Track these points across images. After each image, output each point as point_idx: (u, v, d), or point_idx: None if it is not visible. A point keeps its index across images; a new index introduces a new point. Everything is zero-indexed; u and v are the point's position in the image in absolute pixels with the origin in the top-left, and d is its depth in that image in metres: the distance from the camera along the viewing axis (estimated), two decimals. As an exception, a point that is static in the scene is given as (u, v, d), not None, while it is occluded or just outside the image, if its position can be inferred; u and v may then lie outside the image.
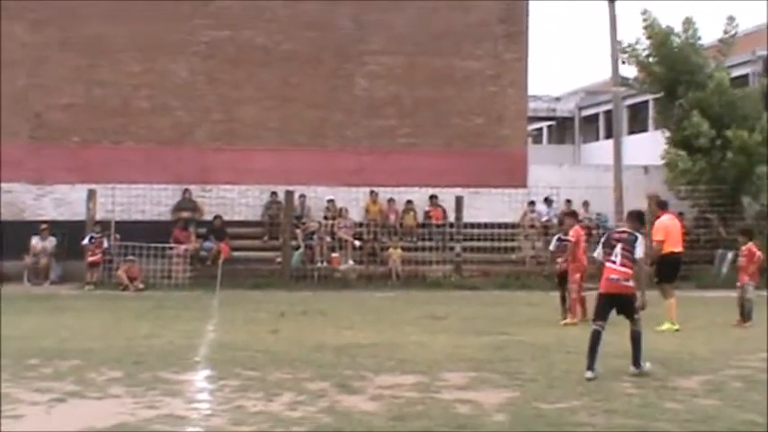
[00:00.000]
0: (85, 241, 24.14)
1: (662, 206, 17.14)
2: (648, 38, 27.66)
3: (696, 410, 8.78)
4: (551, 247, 19.09)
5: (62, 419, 8.19)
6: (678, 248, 16.30)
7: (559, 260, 17.99)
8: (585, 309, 16.58)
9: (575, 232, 17.52)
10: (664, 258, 16.04)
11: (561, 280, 17.83)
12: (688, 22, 27.77)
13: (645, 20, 27.66)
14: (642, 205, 26.69)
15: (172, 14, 26.52)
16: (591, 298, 16.63)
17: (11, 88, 25.66)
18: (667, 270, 16.01)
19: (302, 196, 26.30)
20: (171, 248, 24.60)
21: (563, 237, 18.11)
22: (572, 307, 16.96)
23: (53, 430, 7.75)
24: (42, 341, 13.00)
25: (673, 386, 10.06)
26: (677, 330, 15.25)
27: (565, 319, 16.94)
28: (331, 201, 26.43)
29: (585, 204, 26.85)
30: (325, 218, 26.12)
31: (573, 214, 19.20)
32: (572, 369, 10.99)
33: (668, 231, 16.21)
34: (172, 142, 26.56)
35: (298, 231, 25.52)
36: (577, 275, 17.08)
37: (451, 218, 26.39)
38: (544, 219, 27.08)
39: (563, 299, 17.44)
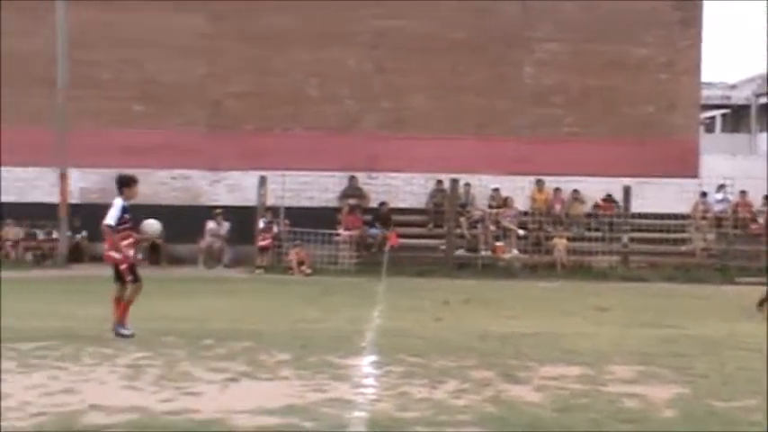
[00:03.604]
0: (261, 225, 24.84)
1: None
2: None
3: None
4: None
5: (235, 398, 8.44)
6: None
7: None
8: None
9: None
10: None
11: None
12: None
13: None
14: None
15: (340, 6, 26.88)
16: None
17: (190, 77, 26.66)
18: None
19: (467, 185, 26.31)
20: (337, 234, 25.04)
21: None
22: None
23: (227, 408, 8.01)
24: (215, 323, 13.44)
25: None
26: None
27: None
28: (496, 189, 26.34)
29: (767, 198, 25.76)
30: (490, 206, 26.06)
31: None
32: (746, 366, 10.59)
33: None
34: (340, 130, 27.02)
35: (462, 219, 25.58)
36: None
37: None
38: (717, 210, 26.19)
39: None
